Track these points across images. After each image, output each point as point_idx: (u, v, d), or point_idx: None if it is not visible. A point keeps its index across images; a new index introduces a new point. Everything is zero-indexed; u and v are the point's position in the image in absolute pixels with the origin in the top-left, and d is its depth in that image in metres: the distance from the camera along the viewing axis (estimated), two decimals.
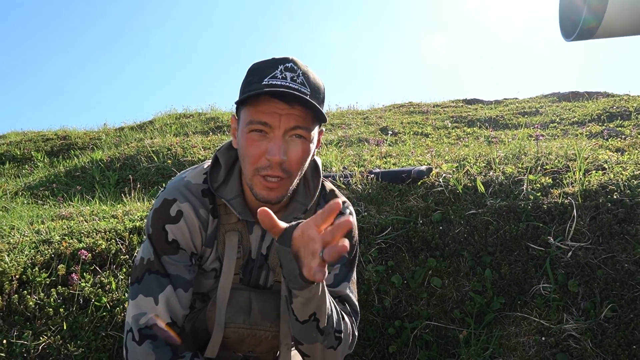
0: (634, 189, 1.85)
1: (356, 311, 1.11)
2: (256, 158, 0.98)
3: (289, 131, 0.97)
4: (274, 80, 0.95)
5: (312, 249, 0.78)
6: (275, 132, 0.96)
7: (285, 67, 0.97)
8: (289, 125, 0.96)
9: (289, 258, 0.82)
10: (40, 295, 1.70)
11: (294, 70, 0.97)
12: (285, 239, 0.82)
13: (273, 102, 0.95)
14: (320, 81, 1.03)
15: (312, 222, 0.79)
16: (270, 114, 0.95)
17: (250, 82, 0.98)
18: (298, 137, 0.98)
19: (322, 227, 0.77)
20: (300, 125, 0.97)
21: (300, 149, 0.98)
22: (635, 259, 1.64)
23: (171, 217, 1.04)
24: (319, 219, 0.77)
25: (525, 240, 1.87)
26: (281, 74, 0.96)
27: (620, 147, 2.72)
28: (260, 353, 1.11)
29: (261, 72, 0.97)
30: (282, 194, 1.00)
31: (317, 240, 0.78)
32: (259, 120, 0.96)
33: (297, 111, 0.96)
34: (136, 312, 1.01)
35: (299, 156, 0.98)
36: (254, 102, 0.97)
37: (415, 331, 1.87)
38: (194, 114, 7.83)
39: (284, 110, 0.95)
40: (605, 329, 1.55)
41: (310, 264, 0.78)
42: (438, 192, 2.24)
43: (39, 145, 6.95)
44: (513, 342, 1.67)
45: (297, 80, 0.96)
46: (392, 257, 2.06)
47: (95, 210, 2.80)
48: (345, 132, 5.23)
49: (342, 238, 0.75)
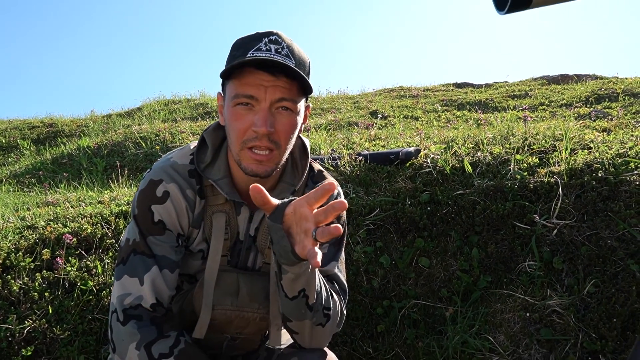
0: (619, 167, 1.86)
1: (345, 290, 1.12)
2: (242, 131, 0.96)
3: (275, 103, 0.95)
4: (258, 52, 0.94)
5: (304, 227, 0.79)
6: (261, 105, 0.95)
7: (270, 39, 0.96)
8: (275, 97, 0.95)
9: (280, 235, 0.81)
10: (25, 279, 1.69)
11: (278, 42, 0.96)
12: (277, 216, 0.82)
13: (258, 74, 0.94)
14: (305, 55, 1.01)
15: (305, 201, 0.79)
16: (256, 86, 0.94)
17: (235, 56, 0.97)
18: (284, 109, 0.97)
19: (315, 206, 0.78)
20: (286, 97, 0.96)
21: (287, 120, 0.97)
22: (618, 236, 1.66)
23: (157, 198, 1.02)
24: (312, 198, 0.77)
25: (512, 219, 1.89)
26: (265, 46, 0.95)
27: (607, 127, 2.74)
28: (248, 334, 1.11)
29: (245, 46, 0.96)
30: (271, 167, 0.99)
31: (309, 219, 0.78)
32: (244, 94, 0.95)
33: (282, 82, 0.95)
34: (121, 292, 1.00)
35: (286, 128, 0.97)
36: (239, 76, 0.95)
37: (403, 310, 1.89)
38: (183, 99, 7.74)
39: (270, 82, 0.94)
40: (587, 303, 1.57)
41: (304, 242, 0.79)
42: (426, 173, 2.24)
43: (25, 133, 6.84)
44: (498, 319, 1.70)
45: (282, 52, 0.95)
46: (380, 238, 2.07)
47: (82, 196, 2.76)
48: (335, 116, 5.20)
49: (334, 219, 0.75)
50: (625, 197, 1.75)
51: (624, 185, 1.78)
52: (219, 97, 1.06)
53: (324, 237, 0.75)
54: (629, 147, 2.02)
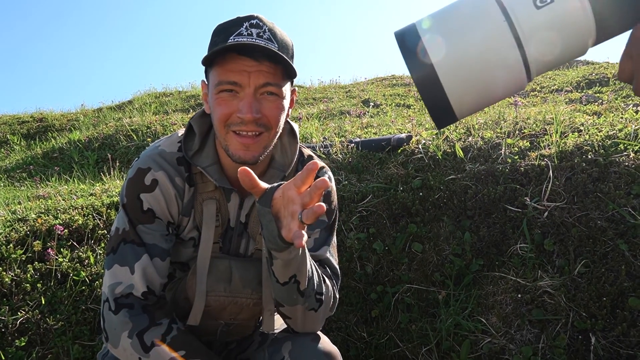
0: (608, 149, 1.87)
1: (337, 274, 1.12)
2: (226, 116, 0.95)
3: (259, 88, 0.94)
4: (239, 37, 0.92)
5: (291, 210, 0.78)
6: (246, 91, 0.94)
7: (250, 23, 0.94)
8: (259, 82, 0.94)
9: (269, 219, 0.81)
10: (17, 271, 1.68)
11: (259, 26, 0.94)
12: (266, 200, 0.81)
13: (240, 60, 0.93)
14: (288, 38, 1.00)
15: (292, 184, 0.78)
16: (239, 72, 0.93)
17: (216, 42, 0.95)
18: (270, 94, 0.96)
19: (302, 189, 0.77)
20: (270, 82, 0.94)
21: (274, 105, 0.96)
22: (608, 216, 1.68)
23: (146, 186, 1.02)
24: (299, 180, 0.77)
25: (503, 203, 1.90)
26: (247, 31, 0.93)
27: (597, 111, 2.75)
28: (242, 320, 1.11)
29: (226, 32, 0.94)
30: (258, 152, 0.98)
31: (296, 202, 0.77)
32: (228, 80, 0.94)
33: (266, 67, 0.93)
34: (112, 281, 1.00)
35: (274, 112, 0.96)
36: (221, 62, 0.94)
37: (396, 295, 1.90)
38: (174, 92, 7.68)
39: (253, 67, 0.93)
40: (578, 284, 1.59)
41: (290, 226, 0.78)
42: (418, 159, 2.24)
43: (15, 128, 6.77)
44: (491, 301, 1.71)
45: (264, 36, 0.94)
46: (373, 224, 2.07)
47: (73, 189, 2.75)
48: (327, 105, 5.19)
49: (319, 199, 0.75)
50: (615, 178, 1.77)
51: (614, 167, 1.80)
52: (202, 85, 1.05)
53: (310, 219, 0.75)
54: (618, 129, 2.03)
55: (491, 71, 0.53)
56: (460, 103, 0.55)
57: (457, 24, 0.54)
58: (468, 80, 0.53)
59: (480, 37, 0.53)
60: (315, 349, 1.02)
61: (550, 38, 0.53)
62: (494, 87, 0.55)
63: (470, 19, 0.54)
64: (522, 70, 0.54)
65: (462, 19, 0.54)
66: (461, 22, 0.54)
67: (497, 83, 0.54)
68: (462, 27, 0.53)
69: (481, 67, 0.53)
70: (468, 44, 0.53)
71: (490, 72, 0.53)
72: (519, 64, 0.53)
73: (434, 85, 0.53)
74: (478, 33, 0.53)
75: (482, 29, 0.53)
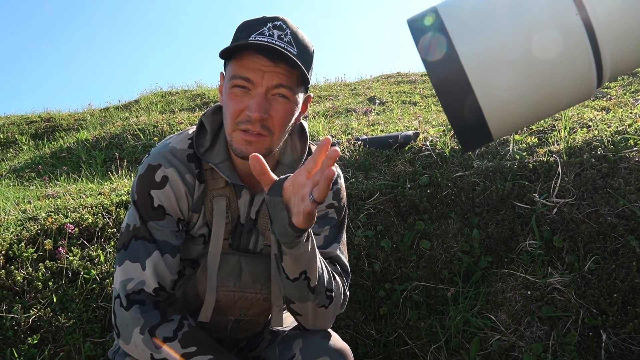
0: (618, 144, 1.86)
1: (347, 271, 1.12)
2: (237, 113, 0.96)
3: (271, 89, 0.95)
4: (260, 37, 0.93)
5: (302, 194, 0.78)
6: (258, 89, 0.94)
7: (274, 25, 0.95)
8: (272, 83, 0.94)
9: (279, 208, 0.81)
10: (29, 269, 1.70)
11: (282, 28, 0.95)
12: (276, 190, 0.82)
13: (257, 58, 0.93)
14: (310, 44, 1.00)
15: (304, 169, 0.79)
16: (253, 70, 0.93)
17: (238, 38, 0.97)
18: (281, 97, 0.96)
19: (313, 171, 0.77)
20: (283, 84, 0.95)
21: (283, 108, 0.96)
22: (618, 212, 1.66)
23: (156, 183, 1.02)
24: (311, 162, 0.77)
25: (512, 199, 1.89)
26: (269, 31, 0.94)
27: (606, 106, 2.73)
28: (251, 316, 1.12)
29: (249, 29, 0.96)
30: (259, 150, 0.98)
31: (306, 185, 0.77)
32: (242, 76, 0.94)
33: (281, 69, 0.94)
34: (123, 277, 1.00)
35: (280, 115, 0.96)
36: (239, 58, 0.95)
37: (405, 293, 1.90)
38: (180, 91, 7.70)
39: (268, 67, 0.93)
40: (588, 280, 1.58)
41: (300, 209, 0.78)
42: (425, 156, 2.24)
43: (23, 128, 6.82)
44: (500, 298, 1.71)
45: (285, 39, 0.94)
46: (381, 221, 2.07)
47: (82, 188, 2.77)
48: (333, 103, 5.18)
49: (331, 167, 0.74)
50: (625, 173, 1.76)
51: (624, 162, 1.78)
52: (220, 76, 1.06)
53: (321, 191, 0.74)
54: (628, 124, 2.02)
55: (549, 73, 0.38)
56: (498, 117, 0.39)
57: (500, 8, 0.38)
58: (512, 86, 0.38)
59: (530, 24, 0.37)
60: (327, 345, 1.02)
61: (634, 33, 0.38)
62: (549, 95, 0.39)
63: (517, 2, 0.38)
64: (592, 74, 0.39)
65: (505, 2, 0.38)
66: (505, 5, 0.38)
67: (556, 90, 0.38)
68: (506, 12, 0.38)
69: (533, 66, 0.37)
70: (514, 35, 0.37)
71: (548, 75, 0.38)
72: (590, 64, 0.38)
73: (462, 91, 0.38)
74: (527, 19, 0.37)
75: (535, 15, 0.37)
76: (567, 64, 0.38)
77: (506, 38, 0.37)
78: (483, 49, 0.37)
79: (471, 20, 0.39)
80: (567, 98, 0.40)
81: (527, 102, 0.38)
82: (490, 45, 0.37)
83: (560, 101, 0.40)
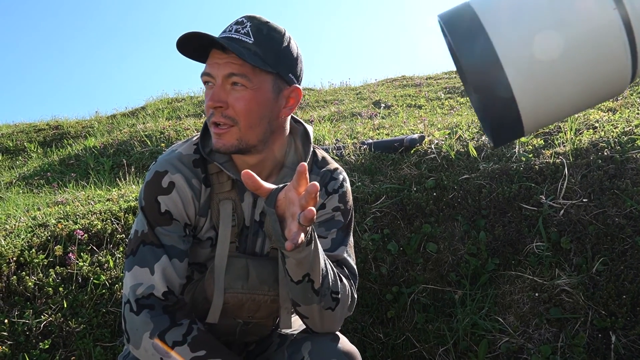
0: (624, 145, 1.86)
1: (354, 274, 1.12)
2: (208, 109, 1.00)
3: (225, 79, 0.97)
4: (222, 34, 0.98)
5: (292, 212, 0.79)
6: (216, 81, 0.98)
7: (237, 21, 0.99)
8: (224, 73, 0.97)
9: (274, 219, 0.82)
10: (39, 275, 1.72)
11: (242, 23, 0.98)
12: (271, 200, 0.82)
13: (215, 54, 0.98)
14: (279, 34, 1.00)
15: (291, 185, 0.79)
16: (211, 64, 0.98)
17: None
18: (237, 85, 0.97)
19: (301, 189, 0.78)
20: (235, 72, 0.96)
21: (242, 96, 0.97)
22: (626, 213, 1.66)
23: (163, 189, 1.04)
24: (295, 181, 0.78)
25: (518, 201, 1.89)
26: (230, 28, 0.98)
27: (612, 107, 2.72)
28: (260, 318, 1.12)
29: None
30: (229, 142, 0.99)
31: (296, 203, 0.78)
32: (204, 72, 0.99)
33: (233, 59, 0.96)
34: (133, 282, 1.01)
35: (240, 104, 0.97)
36: (209, 58, 1.00)
37: (412, 295, 1.90)
38: (186, 97, 7.76)
39: (222, 59, 0.96)
40: (596, 282, 1.58)
41: (290, 227, 0.80)
42: (431, 159, 2.24)
43: (32, 136, 6.89)
44: (507, 300, 1.70)
45: (241, 31, 0.97)
46: (387, 225, 2.07)
47: (90, 195, 2.80)
48: (338, 107, 5.20)
49: (314, 202, 0.76)
50: (632, 174, 1.75)
51: (630, 163, 1.78)
52: None
53: (305, 222, 0.76)
54: (634, 125, 2.01)
55: (586, 68, 0.38)
56: (532, 112, 0.39)
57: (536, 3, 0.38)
58: (549, 81, 0.38)
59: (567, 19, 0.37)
60: (335, 348, 1.02)
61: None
62: (584, 90, 0.39)
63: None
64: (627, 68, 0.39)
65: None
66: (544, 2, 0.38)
67: (590, 85, 0.39)
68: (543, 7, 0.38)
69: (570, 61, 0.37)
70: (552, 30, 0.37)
71: (584, 69, 0.38)
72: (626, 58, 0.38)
73: (498, 86, 0.38)
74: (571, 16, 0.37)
75: (576, 10, 0.37)
76: (604, 58, 0.38)
77: (543, 33, 0.38)
78: (520, 44, 0.37)
79: (508, 16, 0.38)
80: (600, 93, 0.40)
81: (561, 97, 0.39)
82: (527, 40, 0.37)
83: (593, 96, 0.41)
